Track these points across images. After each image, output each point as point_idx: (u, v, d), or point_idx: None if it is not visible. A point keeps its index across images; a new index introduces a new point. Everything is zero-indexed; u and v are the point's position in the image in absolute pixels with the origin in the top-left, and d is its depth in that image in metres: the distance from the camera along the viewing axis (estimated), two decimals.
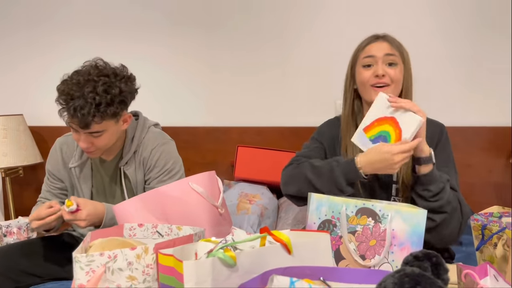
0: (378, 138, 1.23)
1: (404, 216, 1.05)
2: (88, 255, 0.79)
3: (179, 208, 1.21)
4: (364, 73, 1.33)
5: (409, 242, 1.04)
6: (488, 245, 1.28)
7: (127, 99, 1.41)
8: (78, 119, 1.33)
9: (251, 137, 2.23)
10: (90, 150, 1.43)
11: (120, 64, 1.46)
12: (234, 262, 0.74)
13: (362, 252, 1.05)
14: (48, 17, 2.41)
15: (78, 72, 1.38)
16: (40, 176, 2.37)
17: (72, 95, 1.32)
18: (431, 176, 1.22)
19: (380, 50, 1.32)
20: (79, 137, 1.41)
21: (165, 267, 0.79)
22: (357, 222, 1.06)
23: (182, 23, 2.33)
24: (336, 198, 1.09)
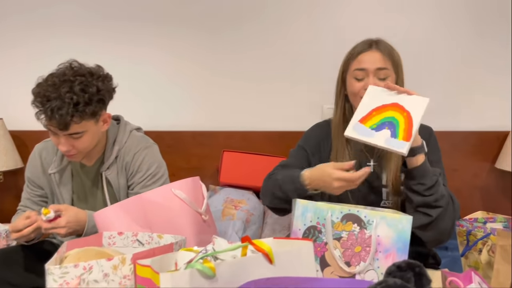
0: (382, 125, 1.16)
1: (389, 222, 1.04)
2: (62, 267, 0.77)
3: (161, 215, 1.19)
4: (355, 85, 1.31)
5: (394, 248, 1.03)
6: (473, 250, 1.28)
7: (105, 97, 1.39)
8: (56, 121, 1.30)
9: (237, 142, 2.21)
10: (71, 154, 1.40)
11: (95, 65, 1.44)
12: (213, 273, 0.72)
13: (348, 259, 1.04)
14: (27, 19, 2.36)
15: (53, 74, 1.36)
16: (20, 181, 2.31)
17: (48, 96, 1.29)
18: (424, 168, 1.20)
19: (372, 63, 1.29)
20: (58, 140, 1.37)
21: (142, 278, 0.76)
22: (343, 228, 1.05)
23: (166, 24, 2.30)
24: (322, 204, 1.08)
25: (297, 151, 1.45)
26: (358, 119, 1.18)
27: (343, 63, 1.37)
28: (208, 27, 2.27)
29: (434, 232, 1.23)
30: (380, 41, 1.34)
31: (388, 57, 1.31)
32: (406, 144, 1.11)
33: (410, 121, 1.13)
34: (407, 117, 1.14)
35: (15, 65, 2.37)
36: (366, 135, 1.16)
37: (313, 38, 2.23)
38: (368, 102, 1.20)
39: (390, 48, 1.34)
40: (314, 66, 2.24)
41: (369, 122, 1.17)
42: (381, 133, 1.14)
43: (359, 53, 1.32)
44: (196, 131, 2.27)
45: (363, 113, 1.19)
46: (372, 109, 1.18)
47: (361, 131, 1.16)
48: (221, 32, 2.27)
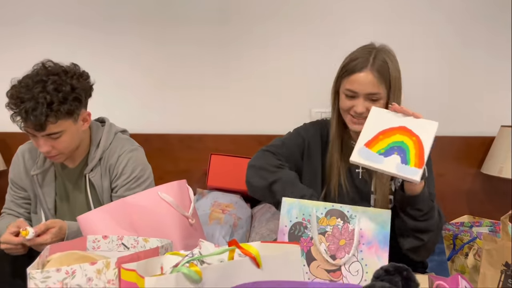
0: (390, 150, 1.10)
1: (371, 216, 1.09)
2: (44, 271, 0.75)
3: (147, 218, 1.17)
4: (345, 102, 1.27)
5: (376, 240, 1.08)
6: (459, 255, 1.29)
7: (81, 96, 1.37)
8: (31, 122, 1.28)
9: (225, 145, 2.20)
10: (52, 155, 1.38)
11: (70, 63, 1.43)
12: (199, 277, 0.71)
13: (333, 252, 1.08)
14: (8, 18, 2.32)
15: (27, 75, 1.35)
16: (3, 184, 2.26)
17: (22, 98, 1.28)
18: (422, 195, 1.17)
19: (363, 87, 1.23)
20: (38, 142, 1.36)
21: (127, 283, 0.75)
22: (327, 223, 1.10)
23: (157, 29, 2.28)
24: (307, 201, 1.12)
25: (296, 138, 1.42)
26: (364, 143, 1.12)
27: (338, 74, 1.31)
28: (195, 29, 2.26)
29: (424, 254, 1.27)
30: (378, 56, 1.25)
31: (382, 80, 1.24)
32: (419, 171, 1.07)
33: (421, 146, 1.09)
34: (416, 142, 1.10)
35: None
36: (374, 161, 1.10)
37: (302, 42, 2.24)
38: (373, 124, 1.14)
39: (387, 66, 1.25)
40: (302, 70, 2.24)
41: (376, 146, 1.11)
42: (390, 159, 1.09)
43: (352, 72, 1.25)
44: (184, 134, 2.25)
45: (368, 137, 1.13)
46: (379, 132, 1.12)
47: (368, 156, 1.10)
48: (208, 34, 2.26)
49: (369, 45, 1.31)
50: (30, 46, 2.28)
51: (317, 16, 2.23)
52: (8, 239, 1.27)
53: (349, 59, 1.29)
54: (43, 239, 1.27)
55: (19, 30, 2.30)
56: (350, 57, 1.29)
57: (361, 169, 1.36)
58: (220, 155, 2.05)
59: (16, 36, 2.31)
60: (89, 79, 1.43)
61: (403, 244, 1.24)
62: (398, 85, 1.26)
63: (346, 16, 2.22)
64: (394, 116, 1.14)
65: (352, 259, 1.07)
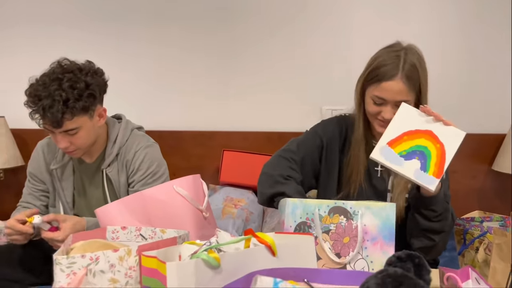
0: (412, 153, 1.09)
1: (374, 211, 1.06)
2: (69, 257, 0.78)
3: (163, 211, 1.20)
4: (373, 107, 1.25)
5: (380, 236, 1.05)
6: (470, 249, 1.30)
7: (96, 92, 1.40)
8: (49, 119, 1.32)
9: (237, 142, 2.23)
10: (70, 150, 1.41)
11: (86, 61, 1.46)
12: (218, 263, 0.74)
13: (337, 250, 1.07)
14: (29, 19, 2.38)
15: (44, 73, 1.38)
16: (21, 179, 2.31)
17: (39, 95, 1.32)
18: (438, 197, 1.17)
19: (393, 96, 1.20)
20: (56, 138, 1.40)
21: (148, 269, 0.78)
22: (330, 221, 1.07)
23: (169, 26, 2.32)
24: (310, 200, 1.10)
25: (313, 139, 1.39)
26: (387, 141, 1.10)
27: (364, 78, 1.27)
28: (205, 25, 2.29)
29: (434, 254, 1.27)
30: (407, 61, 1.21)
31: (412, 87, 1.20)
32: (436, 181, 1.06)
33: (443, 156, 1.08)
34: (440, 150, 1.08)
35: (17, 64, 2.39)
36: (394, 162, 1.09)
37: (314, 40, 2.26)
38: (400, 122, 1.11)
39: (416, 71, 1.21)
40: (314, 68, 2.26)
41: (399, 147, 1.10)
42: (410, 163, 1.08)
43: (382, 80, 1.20)
44: (196, 131, 2.29)
45: (392, 135, 1.10)
46: (404, 133, 1.10)
47: (389, 156, 1.09)
48: (219, 32, 2.29)
49: (395, 46, 1.26)
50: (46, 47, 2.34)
51: (329, 13, 2.25)
52: (13, 224, 1.30)
53: (376, 63, 1.23)
54: (54, 235, 1.30)
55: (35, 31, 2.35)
56: (378, 61, 1.23)
57: (380, 167, 1.34)
58: (233, 151, 2.07)
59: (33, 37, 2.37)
60: (104, 75, 1.46)
61: (414, 243, 1.24)
62: (426, 88, 1.24)
63: (357, 14, 2.23)
64: (423, 118, 1.12)
65: (357, 256, 1.05)
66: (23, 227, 1.29)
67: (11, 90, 2.39)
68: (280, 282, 0.65)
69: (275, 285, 0.65)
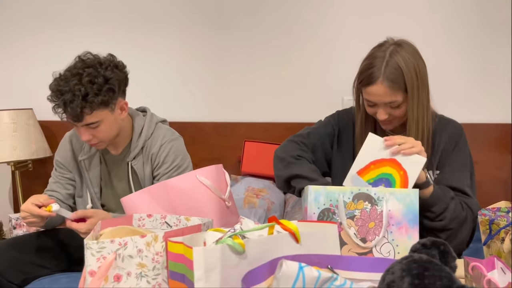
0: (379, 181, 1.19)
1: (398, 196, 1.10)
2: (99, 242, 0.81)
3: (186, 200, 1.22)
4: (368, 108, 1.30)
5: (405, 220, 1.09)
6: (495, 239, 1.27)
7: (115, 86, 1.41)
8: (69, 113, 1.36)
9: (258, 133, 2.24)
10: (93, 143, 1.45)
11: (108, 54, 1.47)
12: (243, 249, 0.75)
13: (363, 235, 1.10)
14: (57, 13, 2.43)
15: (67, 68, 1.42)
16: (48, 169, 2.38)
17: (61, 90, 1.36)
18: (433, 199, 1.23)
19: (379, 98, 1.24)
20: (79, 131, 1.44)
21: (174, 254, 0.80)
22: (355, 207, 1.11)
23: (190, 20, 2.34)
24: (333, 187, 1.13)
25: (326, 132, 1.44)
26: (356, 171, 1.22)
27: (356, 79, 1.31)
28: (233, 22, 2.30)
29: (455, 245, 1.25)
30: (390, 61, 1.22)
31: (397, 87, 1.22)
32: None
33: (406, 181, 1.17)
34: (403, 176, 1.18)
35: (45, 57, 2.45)
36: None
37: (334, 30, 2.24)
38: (367, 152, 1.21)
39: (400, 71, 1.22)
40: (334, 58, 2.24)
41: (367, 175, 1.21)
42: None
43: (367, 84, 1.24)
44: (218, 122, 2.31)
45: (361, 165, 1.21)
46: (371, 162, 1.21)
47: (358, 183, 1.20)
48: (238, 25, 2.29)
49: (383, 46, 1.27)
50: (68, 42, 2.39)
51: (349, 5, 2.23)
52: (29, 208, 1.34)
53: (362, 67, 1.28)
54: (78, 226, 1.34)
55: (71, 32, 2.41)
56: (363, 64, 1.28)
57: None
58: (254, 142, 2.08)
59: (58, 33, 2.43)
60: (125, 69, 1.48)
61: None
62: (417, 85, 1.24)
63: (378, 7, 2.20)
64: (388, 147, 1.19)
65: (382, 240, 1.08)
66: (39, 211, 1.33)
67: (39, 83, 2.47)
68: (305, 266, 0.66)
69: (300, 269, 0.66)
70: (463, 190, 1.31)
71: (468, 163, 1.36)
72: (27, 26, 2.46)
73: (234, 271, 0.75)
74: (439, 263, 0.60)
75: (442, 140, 1.35)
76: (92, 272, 0.80)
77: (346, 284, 0.69)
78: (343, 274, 0.77)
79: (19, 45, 2.47)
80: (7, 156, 2.15)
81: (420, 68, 1.26)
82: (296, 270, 0.66)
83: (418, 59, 1.27)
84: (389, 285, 0.61)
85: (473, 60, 2.19)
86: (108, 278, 0.81)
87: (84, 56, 1.44)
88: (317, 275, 0.68)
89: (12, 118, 2.18)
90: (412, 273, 0.60)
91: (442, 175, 1.35)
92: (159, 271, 0.85)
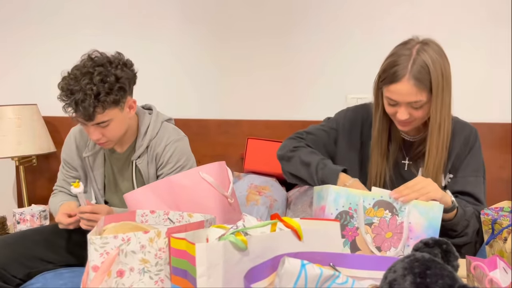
0: None
1: (421, 209, 1.07)
2: (103, 237, 0.81)
3: (189, 197, 1.23)
4: (388, 108, 1.26)
5: (425, 235, 1.05)
6: (498, 239, 1.27)
7: (126, 85, 1.42)
8: (81, 113, 1.36)
9: (261, 130, 2.24)
10: (102, 142, 1.45)
11: (115, 52, 1.47)
12: (245, 246, 0.75)
13: (378, 244, 1.06)
14: (61, 9, 2.44)
15: (75, 66, 1.41)
16: (52, 165, 2.41)
17: (72, 89, 1.35)
18: (457, 219, 1.21)
19: (403, 97, 1.20)
20: (88, 130, 1.44)
21: (177, 250, 0.80)
22: (374, 214, 1.07)
23: (193, 16, 2.34)
24: (355, 190, 1.10)
25: (329, 127, 1.44)
26: None
27: (378, 76, 1.26)
28: (236, 19, 2.30)
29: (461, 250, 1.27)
30: (417, 60, 1.18)
31: (422, 87, 1.18)
32: None
33: None
34: None
35: (49, 53, 2.46)
36: None
37: (338, 28, 2.23)
38: None
39: (427, 70, 1.18)
40: (338, 56, 2.24)
41: None
42: None
43: (391, 82, 1.20)
44: (221, 119, 2.31)
45: None
46: None
47: None
48: (242, 23, 2.29)
49: (409, 44, 1.23)
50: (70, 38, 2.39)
51: (355, 2, 2.22)
52: (60, 219, 1.42)
53: (386, 64, 1.23)
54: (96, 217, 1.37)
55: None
56: (388, 61, 1.23)
57: (407, 161, 1.36)
58: (257, 139, 2.08)
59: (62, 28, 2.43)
60: (133, 67, 1.48)
61: None
62: (442, 86, 1.20)
63: (383, 4, 2.19)
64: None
65: (399, 253, 1.05)
66: (70, 220, 1.40)
67: (43, 79, 2.48)
68: (307, 263, 0.67)
69: (302, 267, 0.66)
70: (476, 197, 1.31)
71: (481, 168, 1.36)
72: (31, 21, 2.47)
73: (236, 267, 0.75)
74: (441, 262, 0.60)
75: (456, 143, 1.33)
76: (95, 267, 0.81)
77: (348, 282, 0.69)
78: (345, 272, 0.77)
79: (24, 40, 2.48)
80: (12, 151, 2.16)
81: (446, 68, 1.23)
82: (298, 268, 0.66)
83: (444, 59, 1.23)
84: (391, 283, 0.62)
85: (476, 59, 2.17)
86: (111, 273, 0.81)
87: (92, 54, 1.43)
88: (319, 273, 0.68)
89: (16, 113, 2.19)
90: (414, 272, 0.60)
91: (455, 179, 1.34)
92: (161, 267, 0.85)
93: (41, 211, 2.07)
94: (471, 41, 2.16)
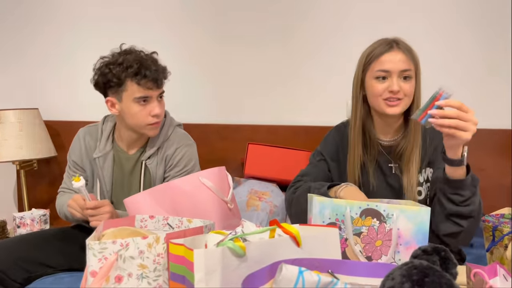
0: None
1: (408, 215, 1.05)
2: (101, 243, 0.81)
3: (189, 202, 1.23)
4: (377, 86, 1.28)
5: (414, 240, 1.04)
6: (498, 246, 1.27)
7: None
8: (151, 77, 1.42)
9: (262, 135, 2.24)
10: (160, 120, 1.51)
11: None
12: (243, 252, 0.75)
13: (369, 253, 1.05)
14: (63, 14, 2.45)
15: (119, 52, 1.48)
16: (53, 169, 2.41)
17: (136, 59, 1.43)
18: (464, 182, 1.15)
19: (396, 64, 1.26)
20: (151, 104, 1.47)
21: (175, 256, 0.80)
22: (362, 223, 1.06)
23: (193, 20, 2.34)
24: (339, 200, 1.08)
25: (317, 159, 1.45)
26: None
27: (363, 64, 1.33)
28: (239, 23, 2.30)
29: (461, 241, 1.23)
30: (399, 41, 1.30)
31: (411, 58, 1.28)
32: None
33: None
34: None
35: (50, 59, 2.47)
36: None
37: (338, 33, 2.24)
38: None
39: (409, 48, 1.30)
40: (339, 61, 2.24)
41: None
42: None
43: (381, 54, 1.27)
44: (221, 124, 2.31)
45: None
46: None
47: None
48: (243, 26, 2.30)
49: (385, 38, 1.33)
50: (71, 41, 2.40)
51: (355, 6, 2.22)
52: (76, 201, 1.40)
53: (371, 48, 1.32)
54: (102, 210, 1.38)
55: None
56: (372, 46, 1.32)
57: (393, 164, 1.35)
58: (257, 144, 2.09)
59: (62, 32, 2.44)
60: None
61: (441, 229, 1.21)
62: (420, 69, 1.30)
63: (385, 7, 2.20)
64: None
65: (389, 260, 1.04)
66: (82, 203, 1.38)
67: (44, 83, 2.49)
68: (305, 271, 0.66)
69: (300, 274, 0.66)
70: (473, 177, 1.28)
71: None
72: (33, 26, 2.48)
73: (234, 273, 0.75)
74: (440, 270, 0.60)
75: (436, 136, 1.34)
76: (94, 273, 0.81)
77: None
78: (343, 279, 0.77)
79: (25, 45, 2.49)
80: (13, 155, 2.17)
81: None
82: (296, 274, 0.66)
83: None
84: None
85: (477, 65, 2.18)
86: (109, 278, 0.81)
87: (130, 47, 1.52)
88: (317, 280, 0.68)
89: (18, 117, 2.20)
90: (412, 279, 0.59)
91: (437, 172, 1.31)
92: (160, 273, 0.85)
93: (41, 215, 2.07)
94: (470, 46, 2.17)
